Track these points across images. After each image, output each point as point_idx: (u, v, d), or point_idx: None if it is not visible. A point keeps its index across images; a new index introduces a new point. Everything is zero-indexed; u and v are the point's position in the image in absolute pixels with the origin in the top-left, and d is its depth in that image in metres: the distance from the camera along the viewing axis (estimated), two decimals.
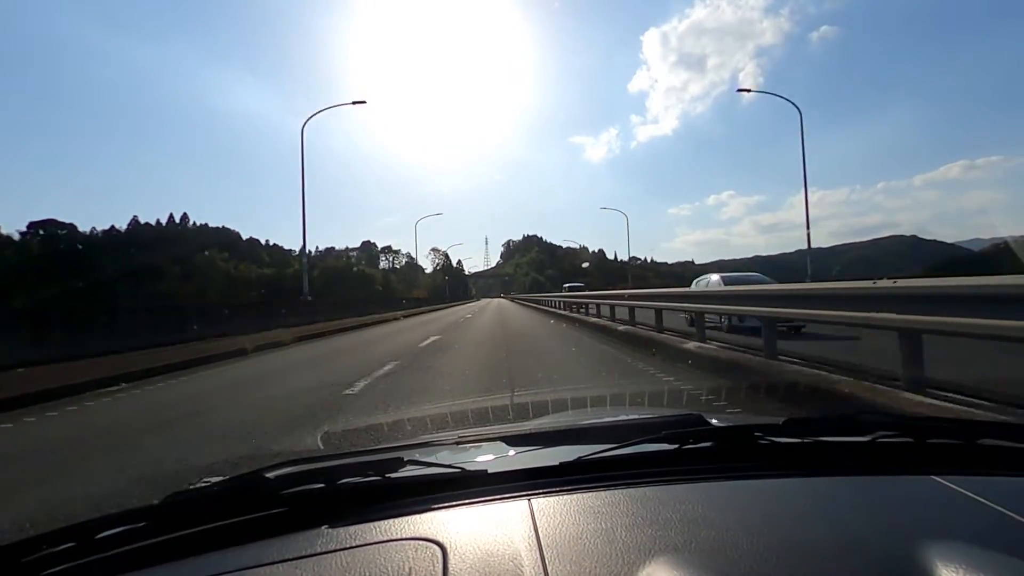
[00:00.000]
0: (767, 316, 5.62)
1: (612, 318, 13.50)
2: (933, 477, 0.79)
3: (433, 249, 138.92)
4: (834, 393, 3.75)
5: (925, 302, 3.67)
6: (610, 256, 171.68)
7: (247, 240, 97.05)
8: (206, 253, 71.27)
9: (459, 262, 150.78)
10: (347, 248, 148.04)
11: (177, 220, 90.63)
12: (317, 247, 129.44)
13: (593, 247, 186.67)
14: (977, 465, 0.84)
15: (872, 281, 4.38)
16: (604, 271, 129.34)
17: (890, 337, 4.02)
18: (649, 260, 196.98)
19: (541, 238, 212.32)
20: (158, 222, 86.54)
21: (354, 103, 25.51)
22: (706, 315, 8.01)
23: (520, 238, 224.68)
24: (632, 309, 11.74)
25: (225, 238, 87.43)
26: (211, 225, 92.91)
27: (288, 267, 75.23)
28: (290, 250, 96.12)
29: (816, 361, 5.42)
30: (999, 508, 0.69)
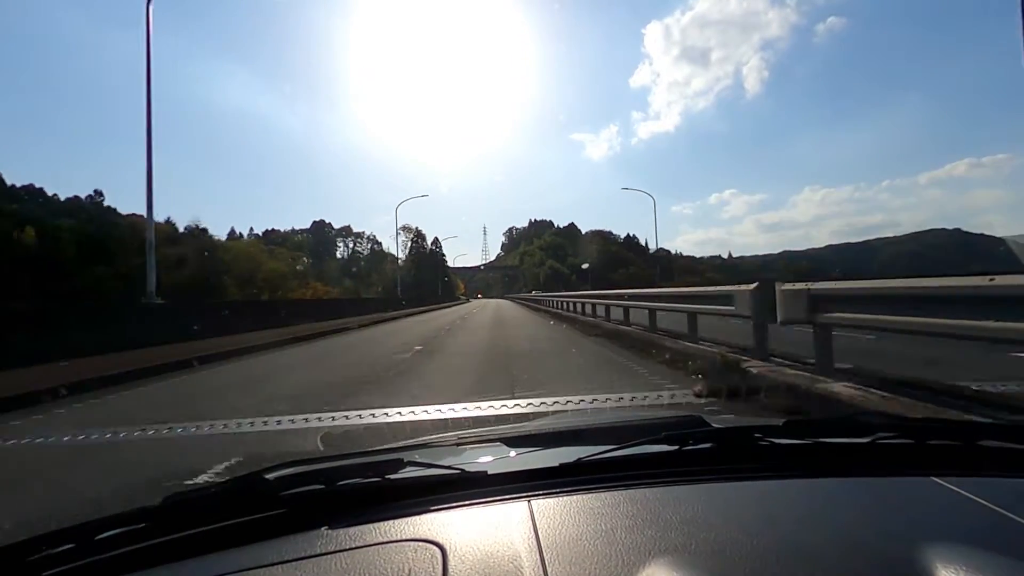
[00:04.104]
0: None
1: None
2: (933, 478, 0.79)
3: (403, 228, 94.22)
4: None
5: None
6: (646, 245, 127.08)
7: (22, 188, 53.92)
8: None
9: (435, 241, 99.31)
10: (292, 229, 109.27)
11: None
12: (252, 228, 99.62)
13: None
14: (976, 466, 0.84)
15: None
16: (647, 264, 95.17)
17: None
18: (677, 253, 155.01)
19: (552, 222, 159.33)
20: None
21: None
22: None
23: (526, 224, 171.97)
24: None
25: None
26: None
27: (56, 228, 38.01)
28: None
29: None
30: (999, 509, 0.70)
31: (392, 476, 0.81)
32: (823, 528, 0.68)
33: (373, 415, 4.48)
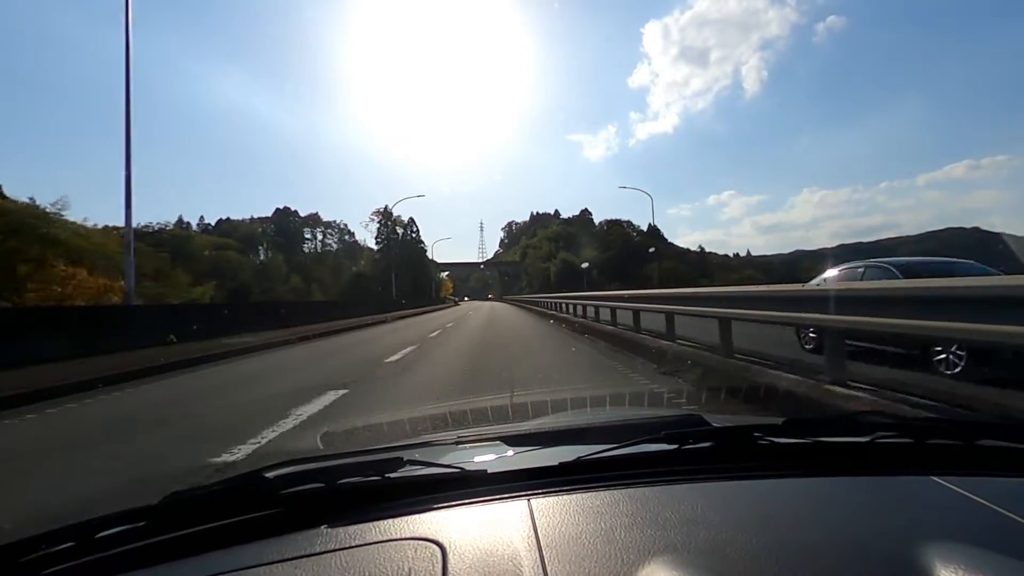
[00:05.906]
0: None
1: None
2: (932, 478, 0.79)
3: (376, 212, 76.79)
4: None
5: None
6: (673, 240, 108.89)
7: None
8: None
9: (410, 221, 78.26)
10: (252, 218, 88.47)
11: None
12: (202, 217, 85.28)
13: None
14: (976, 466, 0.85)
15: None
16: (689, 263, 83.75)
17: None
18: (701, 250, 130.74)
19: (559, 212, 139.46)
20: None
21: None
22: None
23: (527, 219, 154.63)
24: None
25: None
26: None
27: None
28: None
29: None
30: (998, 509, 0.70)
31: (392, 475, 0.81)
32: (823, 527, 0.68)
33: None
